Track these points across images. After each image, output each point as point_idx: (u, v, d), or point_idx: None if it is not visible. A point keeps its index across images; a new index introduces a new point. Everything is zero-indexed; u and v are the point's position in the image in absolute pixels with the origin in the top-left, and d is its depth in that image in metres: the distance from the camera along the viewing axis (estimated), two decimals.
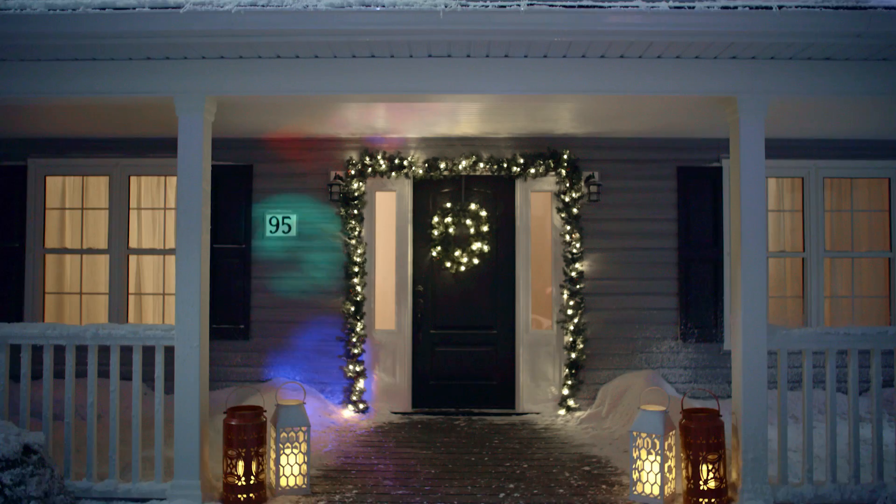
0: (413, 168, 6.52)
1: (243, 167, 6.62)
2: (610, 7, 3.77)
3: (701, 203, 6.58)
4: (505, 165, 6.51)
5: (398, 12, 3.75)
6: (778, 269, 6.85)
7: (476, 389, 6.66)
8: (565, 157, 6.47)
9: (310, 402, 6.11)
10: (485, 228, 6.60)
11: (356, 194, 6.49)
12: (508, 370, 6.66)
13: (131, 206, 6.74)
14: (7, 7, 3.86)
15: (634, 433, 4.34)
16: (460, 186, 6.68)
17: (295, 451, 4.44)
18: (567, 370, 6.46)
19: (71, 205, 6.88)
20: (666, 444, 4.25)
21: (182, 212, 4.20)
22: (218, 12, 3.78)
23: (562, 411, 6.42)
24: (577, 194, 6.50)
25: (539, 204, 6.76)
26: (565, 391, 6.45)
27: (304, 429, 4.47)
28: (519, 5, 3.76)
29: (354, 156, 6.58)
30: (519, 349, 6.62)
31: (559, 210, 6.55)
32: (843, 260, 6.74)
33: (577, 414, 6.37)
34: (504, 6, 3.78)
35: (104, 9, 3.82)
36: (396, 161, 6.51)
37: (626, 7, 3.77)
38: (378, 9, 3.76)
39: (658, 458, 4.24)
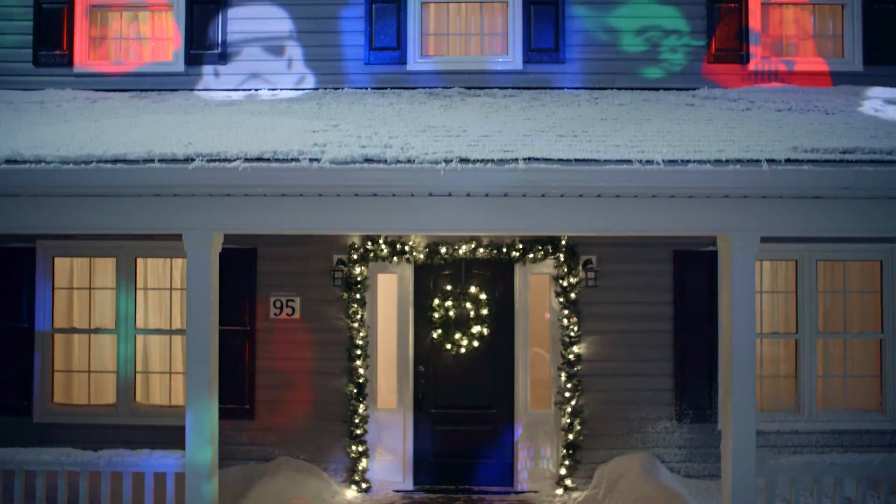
0: (414, 253, 6.65)
1: (248, 250, 6.74)
2: (605, 164, 3.89)
3: (696, 286, 6.70)
4: (504, 250, 6.64)
5: (400, 171, 3.88)
6: (772, 349, 6.98)
7: (476, 467, 6.82)
8: (563, 242, 6.60)
9: (313, 484, 6.28)
10: (484, 311, 6.74)
11: (358, 279, 6.63)
12: (507, 449, 6.81)
13: (138, 287, 6.88)
14: (24, 160, 3.99)
15: None
16: (460, 269, 6.82)
17: None
18: (564, 450, 6.61)
19: (79, 285, 7.02)
20: None
21: (191, 346, 4.33)
22: (226, 168, 3.92)
23: (559, 491, 6.58)
24: (575, 279, 6.63)
25: (537, 286, 6.89)
26: (563, 471, 6.60)
27: None
28: (517, 162, 3.88)
29: (357, 240, 6.71)
30: (517, 429, 6.78)
31: (557, 294, 6.68)
32: (836, 340, 6.87)
33: (574, 494, 6.52)
34: (504, 161, 3.90)
35: (115, 162, 3.96)
36: (398, 246, 6.64)
37: (621, 163, 3.90)
38: (381, 166, 3.89)
39: None
